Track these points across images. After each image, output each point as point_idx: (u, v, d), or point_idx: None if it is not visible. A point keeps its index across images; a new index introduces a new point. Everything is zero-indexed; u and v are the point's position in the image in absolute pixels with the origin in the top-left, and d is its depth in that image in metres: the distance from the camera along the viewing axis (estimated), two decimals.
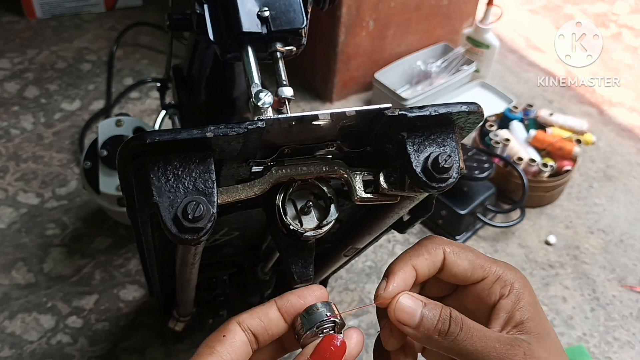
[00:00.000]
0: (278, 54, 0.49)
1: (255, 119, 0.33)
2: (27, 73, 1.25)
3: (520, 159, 1.01)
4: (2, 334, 0.82)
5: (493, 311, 0.38)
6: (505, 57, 1.42)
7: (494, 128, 1.07)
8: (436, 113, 0.35)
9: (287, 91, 0.45)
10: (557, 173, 1.03)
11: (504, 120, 1.10)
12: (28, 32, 1.35)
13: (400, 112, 0.34)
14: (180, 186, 0.32)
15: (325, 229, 0.40)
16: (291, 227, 0.39)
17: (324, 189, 0.40)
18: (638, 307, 0.92)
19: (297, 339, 0.36)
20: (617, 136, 1.24)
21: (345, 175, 0.39)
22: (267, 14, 0.48)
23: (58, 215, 0.98)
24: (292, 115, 0.34)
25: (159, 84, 0.92)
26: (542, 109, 1.13)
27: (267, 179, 0.38)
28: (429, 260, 0.39)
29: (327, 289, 0.85)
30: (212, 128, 0.32)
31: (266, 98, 0.42)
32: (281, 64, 0.49)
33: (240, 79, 0.80)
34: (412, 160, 0.35)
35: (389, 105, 0.35)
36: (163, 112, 0.88)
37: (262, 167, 0.38)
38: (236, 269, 0.73)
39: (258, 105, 0.42)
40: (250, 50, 0.48)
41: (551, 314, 0.91)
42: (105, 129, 0.86)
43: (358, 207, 0.49)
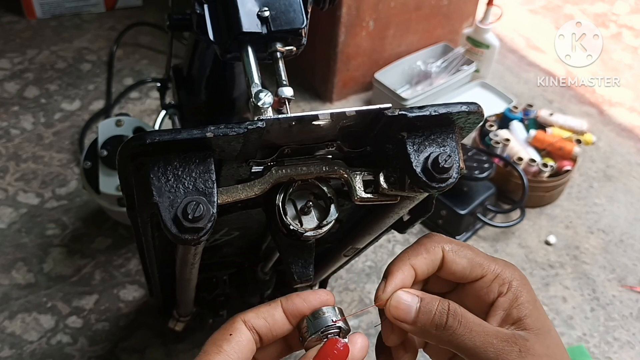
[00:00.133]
0: (278, 54, 0.49)
1: (255, 119, 0.33)
2: (27, 73, 1.25)
3: (520, 159, 1.01)
4: (2, 334, 0.82)
5: (490, 309, 0.38)
6: (505, 57, 1.42)
7: (494, 128, 1.07)
8: (436, 113, 0.35)
9: (287, 91, 0.45)
10: (557, 173, 1.03)
11: (504, 120, 1.10)
12: (28, 32, 1.35)
13: (400, 112, 0.34)
14: (180, 186, 0.32)
15: (325, 229, 0.40)
16: (291, 227, 0.39)
17: (324, 189, 0.40)
18: (638, 307, 0.92)
19: (302, 342, 0.36)
20: (617, 136, 1.24)
21: (345, 175, 0.39)
22: (267, 14, 0.48)
23: (58, 215, 0.98)
24: (292, 115, 0.34)
25: (159, 84, 0.92)
26: (542, 109, 1.13)
27: (267, 179, 0.38)
28: (427, 259, 0.39)
29: (327, 289, 0.85)
30: (212, 128, 0.32)
31: (266, 98, 0.42)
32: (281, 64, 0.49)
33: (240, 79, 0.80)
34: (412, 160, 0.35)
35: (389, 105, 0.35)
36: (163, 112, 0.88)
37: (262, 167, 0.38)
38: (236, 269, 0.73)
39: (258, 105, 0.42)
40: (250, 50, 0.48)
41: (551, 314, 0.91)
42: (105, 129, 0.86)
43: (358, 207, 0.49)
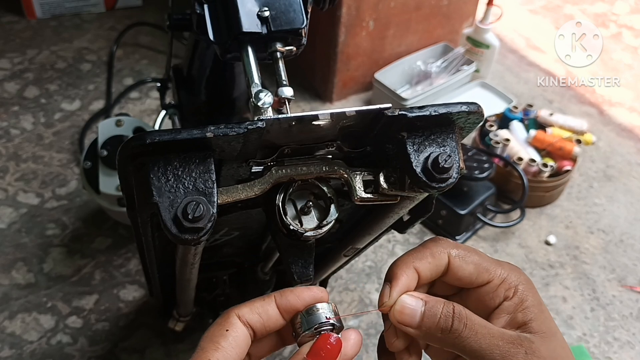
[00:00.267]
0: (278, 54, 0.49)
1: (255, 119, 0.33)
2: (27, 73, 1.25)
3: (520, 159, 1.01)
4: (2, 334, 0.82)
5: (495, 312, 0.37)
6: (505, 57, 1.42)
7: (494, 128, 1.07)
8: (436, 113, 0.35)
9: (287, 91, 0.45)
10: (557, 173, 1.03)
11: (504, 120, 1.10)
12: (28, 32, 1.35)
13: (400, 112, 0.34)
14: (180, 186, 0.32)
15: (325, 229, 0.40)
16: (291, 227, 0.39)
17: (324, 189, 0.40)
18: (638, 307, 0.92)
19: (295, 337, 0.37)
20: (617, 136, 1.24)
21: (345, 175, 0.39)
22: (267, 14, 0.48)
23: (58, 215, 0.98)
24: (292, 115, 0.34)
25: (159, 84, 0.92)
26: (542, 109, 1.13)
27: (267, 179, 0.38)
28: (432, 264, 0.38)
29: (327, 289, 0.86)
30: (212, 128, 0.32)
31: (266, 98, 0.42)
32: (281, 64, 0.49)
33: (240, 79, 0.80)
34: (412, 160, 0.35)
35: (389, 105, 0.35)
36: (163, 112, 0.88)
37: (262, 167, 0.38)
38: (236, 269, 0.73)
39: (258, 105, 0.42)
40: (250, 50, 0.48)
41: (551, 314, 0.90)
42: (105, 129, 0.86)
43: (358, 207, 0.49)
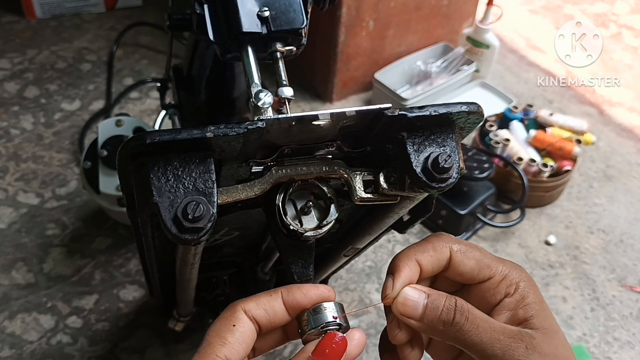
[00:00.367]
0: (278, 54, 0.49)
1: (255, 119, 0.33)
2: (27, 73, 1.25)
3: (520, 159, 1.01)
4: (2, 334, 0.82)
5: (496, 309, 0.37)
6: (505, 57, 1.42)
7: (494, 128, 1.07)
8: (436, 113, 0.35)
9: (287, 91, 0.45)
10: (557, 173, 1.03)
11: (504, 120, 1.10)
12: (28, 32, 1.35)
13: (400, 112, 0.34)
14: (180, 186, 0.32)
15: (325, 229, 0.40)
16: (291, 227, 0.39)
17: (324, 189, 0.40)
18: (638, 307, 0.92)
19: (300, 334, 0.36)
20: (617, 136, 1.24)
21: (345, 175, 0.39)
22: (267, 14, 0.48)
23: (58, 215, 0.98)
24: (292, 115, 0.34)
25: (159, 84, 0.92)
26: (542, 109, 1.13)
27: (267, 179, 0.38)
28: (434, 257, 0.38)
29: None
30: (212, 128, 0.32)
31: (266, 98, 0.42)
32: (281, 64, 0.49)
33: (240, 79, 0.80)
34: (412, 160, 0.35)
35: (389, 105, 0.35)
36: (163, 112, 0.88)
37: (262, 167, 0.38)
38: (236, 269, 0.73)
39: (258, 105, 0.42)
40: (250, 50, 0.48)
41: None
42: (105, 129, 0.86)
43: (358, 207, 0.49)
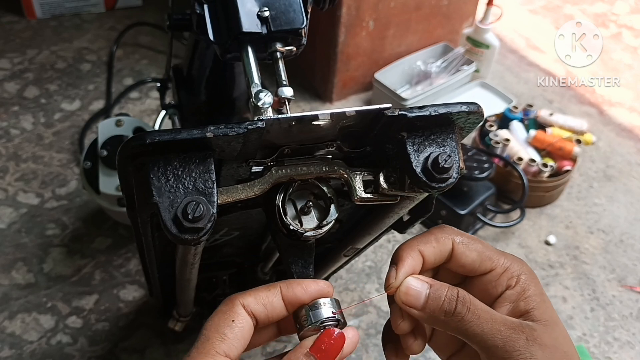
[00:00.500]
0: (278, 54, 0.49)
1: (255, 119, 0.33)
2: (27, 73, 1.25)
3: (520, 159, 1.01)
4: (2, 334, 0.82)
5: (498, 301, 0.38)
6: (505, 57, 1.42)
7: (494, 128, 1.07)
8: (436, 113, 0.35)
9: (287, 91, 0.45)
10: (557, 173, 1.03)
11: (504, 120, 1.10)
12: (28, 32, 1.35)
13: (400, 112, 0.34)
14: (180, 186, 0.32)
15: (325, 229, 0.40)
16: (291, 227, 0.39)
17: (324, 189, 0.40)
18: (638, 307, 0.92)
19: (298, 330, 0.36)
20: (617, 136, 1.24)
21: (345, 175, 0.39)
22: (267, 14, 0.48)
23: (58, 215, 0.98)
24: (292, 115, 0.34)
25: (159, 84, 0.92)
26: (542, 109, 1.13)
27: (267, 179, 0.38)
28: (436, 248, 0.38)
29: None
30: (212, 128, 0.32)
31: (266, 98, 0.42)
32: (281, 64, 0.49)
33: (240, 79, 0.80)
34: (412, 160, 0.35)
35: (389, 105, 0.35)
36: (163, 112, 0.88)
37: (262, 167, 0.38)
38: (236, 269, 0.73)
39: (258, 105, 0.42)
40: (250, 50, 0.48)
41: None
42: (105, 129, 0.86)
43: (358, 207, 0.49)
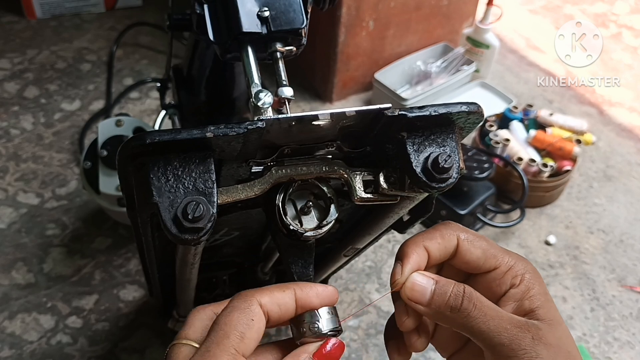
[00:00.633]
0: (278, 54, 0.49)
1: (255, 119, 0.33)
2: (27, 73, 1.25)
3: (520, 159, 1.01)
4: (2, 334, 0.82)
5: (502, 299, 0.38)
6: (505, 57, 1.42)
7: (494, 128, 1.07)
8: (436, 113, 0.35)
9: (287, 91, 0.45)
10: (557, 173, 1.03)
11: (504, 120, 1.10)
12: (28, 32, 1.35)
13: (400, 112, 0.34)
14: (180, 186, 0.32)
15: (325, 229, 0.40)
16: (291, 227, 0.39)
17: (324, 189, 0.40)
18: (638, 307, 0.92)
19: (298, 335, 0.36)
20: (617, 136, 1.24)
21: (345, 175, 0.39)
22: (267, 14, 0.48)
23: (58, 215, 0.98)
24: (292, 115, 0.34)
25: (159, 84, 0.92)
26: (542, 109, 1.13)
27: (267, 179, 0.38)
28: (441, 244, 0.38)
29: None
30: (212, 128, 0.32)
31: (266, 98, 0.42)
32: (281, 64, 0.49)
33: (240, 79, 0.80)
34: (412, 160, 0.35)
35: (389, 105, 0.35)
36: (163, 112, 0.88)
37: (262, 167, 0.38)
38: (236, 269, 0.73)
39: (258, 105, 0.42)
40: (250, 50, 0.48)
41: None
42: (105, 129, 0.86)
43: (358, 207, 0.49)
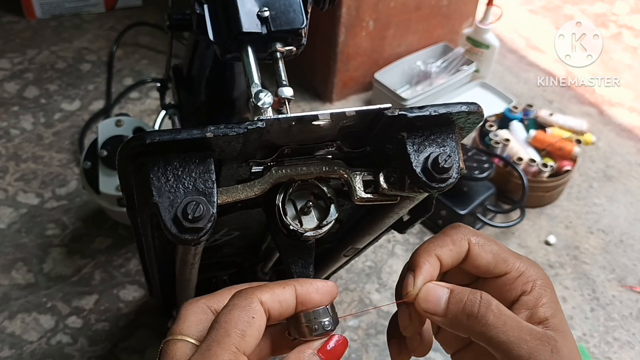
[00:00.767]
0: (278, 54, 0.49)
1: (255, 119, 0.33)
2: (27, 73, 1.25)
3: (520, 159, 1.01)
4: (2, 334, 0.82)
5: (514, 307, 0.37)
6: (505, 57, 1.42)
7: (494, 128, 1.07)
8: (436, 113, 0.35)
9: (287, 91, 0.45)
10: (557, 173, 1.03)
11: (504, 120, 1.10)
12: (28, 32, 1.35)
13: (400, 112, 0.34)
14: (180, 186, 0.32)
15: (325, 229, 0.40)
16: (291, 227, 0.39)
17: (324, 189, 0.40)
18: (638, 307, 0.92)
19: (298, 334, 0.36)
20: (617, 136, 1.24)
21: (345, 176, 0.39)
22: (267, 14, 0.48)
23: (58, 215, 0.98)
24: (292, 115, 0.34)
25: (159, 84, 0.92)
26: (542, 109, 1.13)
27: (267, 179, 0.38)
28: (453, 251, 0.38)
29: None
30: (212, 128, 0.32)
31: (266, 98, 0.42)
32: (281, 64, 0.49)
33: (240, 79, 0.80)
34: (412, 160, 0.35)
35: (389, 105, 0.35)
36: (163, 112, 0.88)
37: (262, 167, 0.38)
38: (236, 269, 0.73)
39: (258, 106, 0.42)
40: (250, 50, 0.48)
41: None
42: (105, 129, 0.86)
43: (358, 207, 0.49)
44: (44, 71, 1.25)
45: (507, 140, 1.03)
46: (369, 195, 0.39)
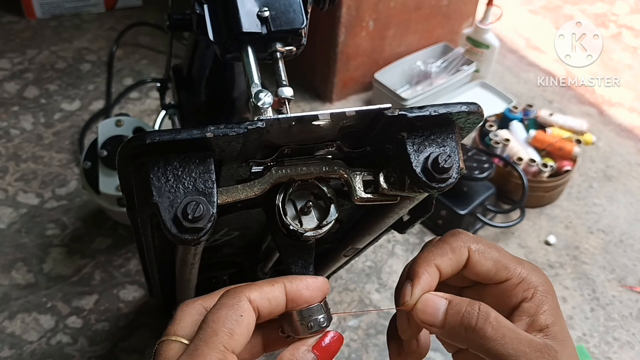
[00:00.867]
0: (278, 54, 0.49)
1: (255, 119, 0.33)
2: (27, 73, 1.25)
3: (520, 159, 1.01)
4: (2, 334, 0.82)
5: (515, 313, 0.37)
6: (505, 57, 1.42)
7: (493, 128, 1.07)
8: (436, 113, 0.35)
9: (287, 91, 0.45)
10: (557, 173, 1.03)
11: (503, 120, 1.10)
12: (28, 32, 1.35)
13: (400, 112, 0.34)
14: (180, 186, 0.32)
15: (325, 229, 0.40)
16: (291, 227, 0.39)
17: (324, 189, 0.40)
18: (638, 307, 0.92)
19: (291, 330, 0.36)
20: (617, 136, 1.24)
21: (345, 176, 0.39)
22: (267, 14, 0.48)
23: (58, 215, 0.98)
24: (292, 115, 0.34)
25: (159, 84, 0.92)
26: (542, 109, 1.13)
27: (267, 179, 0.38)
28: (453, 260, 0.37)
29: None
30: (212, 128, 0.32)
31: (266, 98, 0.42)
32: (281, 64, 0.49)
33: (240, 79, 0.80)
34: (412, 160, 0.35)
35: (389, 105, 0.35)
36: (163, 112, 0.88)
37: (262, 167, 0.38)
38: (236, 269, 0.73)
39: (258, 106, 0.42)
40: (250, 50, 0.48)
41: None
42: (105, 129, 0.86)
43: (358, 207, 0.49)
44: (44, 71, 1.25)
45: (507, 140, 1.03)
46: (369, 195, 0.39)
